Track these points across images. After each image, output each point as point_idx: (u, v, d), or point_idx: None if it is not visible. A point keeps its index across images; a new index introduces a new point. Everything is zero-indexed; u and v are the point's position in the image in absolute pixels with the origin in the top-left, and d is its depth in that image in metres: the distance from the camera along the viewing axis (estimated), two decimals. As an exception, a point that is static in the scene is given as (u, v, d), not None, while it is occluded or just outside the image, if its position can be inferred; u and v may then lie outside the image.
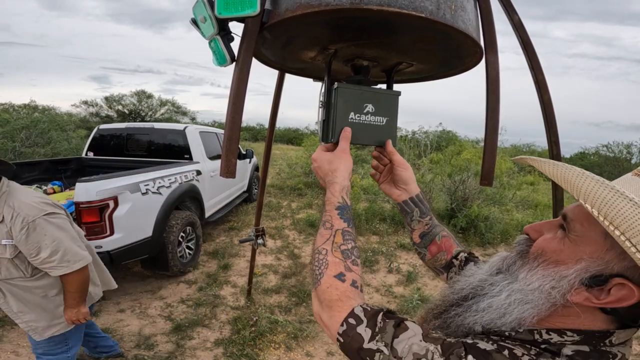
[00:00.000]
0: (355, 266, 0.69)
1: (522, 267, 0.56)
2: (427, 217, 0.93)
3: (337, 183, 0.79)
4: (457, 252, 0.90)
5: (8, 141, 7.47)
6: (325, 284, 0.66)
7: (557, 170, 0.53)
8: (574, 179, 0.50)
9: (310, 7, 0.76)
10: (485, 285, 0.59)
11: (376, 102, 0.92)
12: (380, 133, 0.95)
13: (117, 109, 20.53)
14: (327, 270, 0.67)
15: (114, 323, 3.00)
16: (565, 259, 0.51)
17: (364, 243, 5.27)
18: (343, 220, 0.73)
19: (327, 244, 0.70)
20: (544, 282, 0.51)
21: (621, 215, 0.44)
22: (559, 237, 0.54)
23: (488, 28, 0.94)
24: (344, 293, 0.64)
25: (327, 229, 0.73)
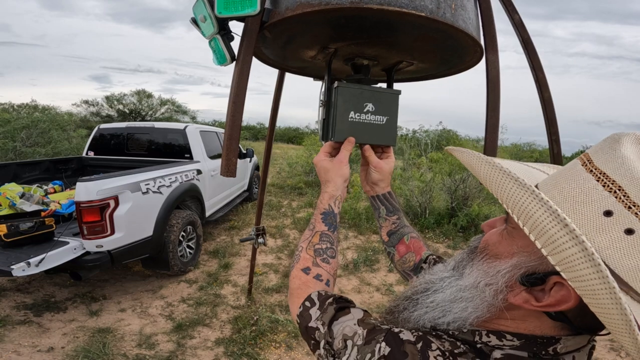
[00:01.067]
0: (326, 264, 0.74)
1: (469, 263, 0.53)
2: (394, 216, 0.96)
3: (328, 192, 0.85)
4: (427, 256, 0.89)
5: (9, 141, 7.47)
6: (292, 275, 0.74)
7: (464, 157, 0.51)
8: (477, 166, 0.48)
9: (311, 6, 0.75)
10: (437, 280, 0.57)
11: (376, 101, 0.92)
12: (381, 132, 0.95)
13: (117, 108, 20.54)
14: (297, 264, 0.75)
15: (115, 322, 3.01)
16: (502, 252, 0.48)
17: (365, 242, 5.27)
18: (324, 224, 0.80)
19: (304, 242, 0.78)
20: (480, 278, 0.48)
21: (522, 211, 0.40)
22: (500, 229, 0.52)
23: (488, 27, 0.94)
24: (305, 283, 0.71)
25: (309, 230, 0.81)
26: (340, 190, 0.86)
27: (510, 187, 0.42)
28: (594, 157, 0.43)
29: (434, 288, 0.56)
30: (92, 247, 2.85)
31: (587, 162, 0.43)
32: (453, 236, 5.52)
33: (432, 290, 0.56)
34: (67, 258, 2.74)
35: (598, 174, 0.41)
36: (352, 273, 4.21)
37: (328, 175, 0.87)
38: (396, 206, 0.98)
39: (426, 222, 5.86)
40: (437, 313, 0.52)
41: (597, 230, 0.39)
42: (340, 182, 0.87)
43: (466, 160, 0.51)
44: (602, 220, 0.39)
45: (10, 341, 2.68)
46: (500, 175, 0.44)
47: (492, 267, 0.48)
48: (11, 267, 2.39)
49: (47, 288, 3.50)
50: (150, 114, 21.16)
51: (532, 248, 0.44)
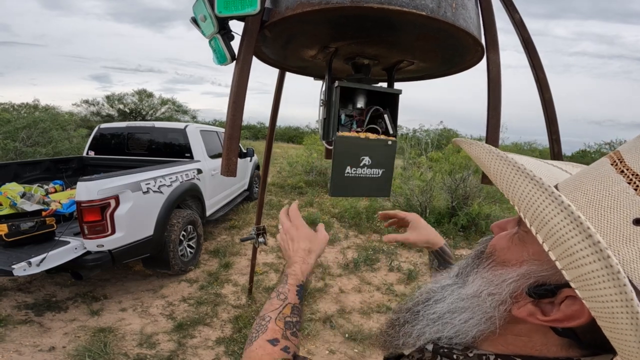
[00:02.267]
0: (294, 337, 0.69)
1: (473, 269, 0.48)
2: (445, 269, 0.93)
3: (310, 264, 0.82)
4: None
5: (9, 141, 7.48)
6: (257, 345, 0.66)
7: (472, 150, 0.45)
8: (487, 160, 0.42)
9: (311, 5, 0.75)
10: (438, 289, 0.52)
11: (373, 153, 0.92)
12: (376, 185, 0.95)
13: (118, 107, 20.54)
14: (264, 335, 0.68)
15: (116, 322, 3.01)
16: (511, 259, 0.43)
17: (365, 241, 5.27)
18: (297, 297, 0.76)
19: (274, 312, 0.72)
20: (484, 286, 0.43)
21: (537, 215, 0.35)
22: (511, 232, 0.46)
23: (489, 26, 0.94)
24: (271, 354, 0.64)
25: (280, 300, 0.74)
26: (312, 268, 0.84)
27: (525, 187, 0.37)
28: (626, 155, 0.38)
29: (435, 297, 0.50)
30: (92, 246, 2.86)
31: (618, 162, 0.38)
32: (453, 235, 5.51)
33: (433, 300, 0.51)
34: (68, 258, 2.74)
35: (630, 175, 0.36)
36: (353, 272, 4.21)
37: (313, 246, 0.85)
38: (449, 260, 0.96)
39: (427, 222, 5.85)
40: (439, 326, 0.47)
41: (624, 240, 0.34)
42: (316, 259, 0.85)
43: (474, 153, 0.45)
44: (631, 230, 0.34)
45: (11, 341, 2.69)
46: (513, 171, 0.39)
47: (497, 275, 0.43)
48: (12, 266, 2.40)
49: (48, 288, 3.50)
50: (151, 113, 21.16)
51: (545, 256, 0.38)
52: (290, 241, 0.86)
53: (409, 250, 5.02)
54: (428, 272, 4.27)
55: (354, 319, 3.26)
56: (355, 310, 3.41)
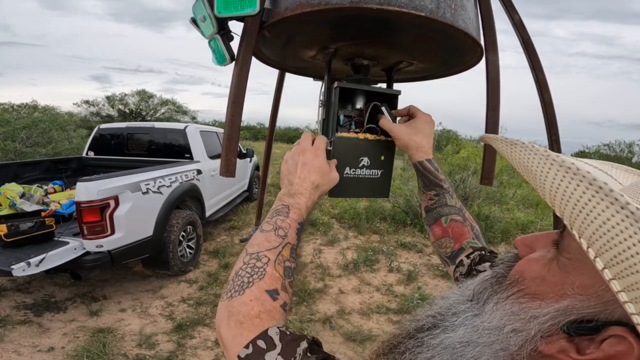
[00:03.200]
0: (290, 288, 0.58)
1: (492, 296, 0.41)
2: (431, 191, 0.81)
3: (314, 201, 0.71)
4: (469, 246, 0.73)
5: (9, 141, 7.48)
6: (252, 295, 0.52)
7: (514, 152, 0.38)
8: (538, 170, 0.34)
9: (310, 5, 0.75)
10: (447, 314, 0.44)
11: (372, 154, 0.91)
12: (375, 185, 0.95)
13: (118, 108, 20.54)
14: (261, 282, 0.54)
15: (115, 322, 3.01)
16: (546, 292, 0.36)
17: (364, 242, 5.27)
18: (297, 238, 0.64)
19: (272, 252, 0.58)
20: (507, 321, 0.37)
21: (600, 235, 0.28)
22: (546, 258, 0.38)
23: (488, 27, 0.94)
24: (268, 312, 0.51)
25: (279, 237, 0.61)
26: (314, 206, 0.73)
27: (579, 195, 0.29)
28: None
29: (444, 325, 0.43)
30: (92, 247, 2.86)
31: None
32: (453, 236, 5.51)
33: (441, 327, 0.43)
34: (67, 258, 2.74)
35: None
36: (352, 273, 4.20)
37: (323, 181, 0.74)
38: (434, 180, 0.82)
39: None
40: (447, 357, 0.40)
41: None
42: (321, 195, 0.74)
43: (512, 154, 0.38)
44: None
45: (10, 341, 2.68)
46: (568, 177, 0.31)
47: (525, 309, 0.36)
48: (11, 267, 2.40)
49: (47, 288, 3.50)
50: (151, 114, 21.16)
51: (596, 290, 0.32)
52: (302, 165, 0.73)
53: (408, 251, 5.02)
54: (425, 270, 4.28)
55: (353, 319, 3.26)
56: (354, 311, 3.41)
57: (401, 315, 3.35)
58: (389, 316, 3.34)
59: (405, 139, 0.83)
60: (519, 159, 0.37)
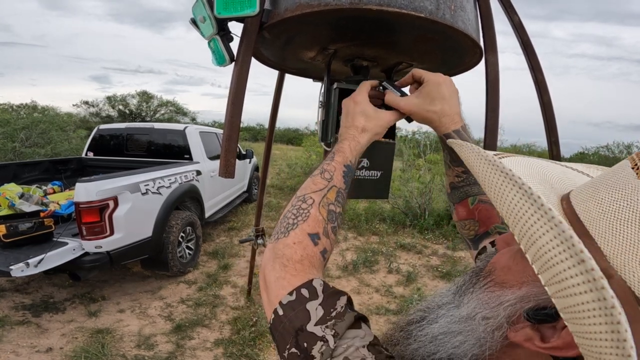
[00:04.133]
0: (333, 235, 0.56)
1: (470, 288, 0.43)
2: (460, 167, 0.74)
3: (360, 144, 0.68)
4: (497, 231, 0.69)
5: (8, 141, 7.47)
6: (295, 238, 0.52)
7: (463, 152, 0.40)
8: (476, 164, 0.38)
9: (310, 6, 0.75)
10: (434, 307, 0.46)
11: (371, 155, 0.90)
12: (374, 186, 0.94)
13: (118, 108, 20.53)
14: (304, 224, 0.53)
15: (114, 323, 3.00)
16: (511, 280, 0.38)
17: (364, 243, 5.27)
18: (344, 181, 0.62)
19: (318, 195, 0.57)
20: (478, 309, 0.39)
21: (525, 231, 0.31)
22: (513, 249, 0.41)
23: (488, 28, 0.94)
24: (309, 257, 0.51)
25: (325, 180, 0.60)
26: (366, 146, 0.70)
27: (512, 196, 0.32)
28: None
29: (430, 317, 0.45)
30: (91, 247, 2.85)
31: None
32: (452, 237, 5.51)
33: (427, 320, 0.45)
34: (66, 259, 2.73)
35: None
36: (352, 274, 4.20)
37: (369, 124, 0.70)
38: None
39: (425, 224, 5.86)
40: (432, 348, 0.42)
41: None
42: (372, 140, 0.71)
43: (464, 155, 0.41)
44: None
45: (8, 342, 2.68)
46: (501, 178, 0.34)
47: (494, 297, 0.38)
48: (10, 267, 2.39)
49: (45, 288, 3.49)
50: (150, 114, 21.15)
51: None
52: (345, 116, 0.73)
53: (408, 252, 5.02)
54: (425, 271, 4.28)
55: (352, 320, 3.25)
56: (354, 312, 3.40)
57: (400, 316, 3.34)
58: (389, 317, 3.33)
59: (420, 112, 0.71)
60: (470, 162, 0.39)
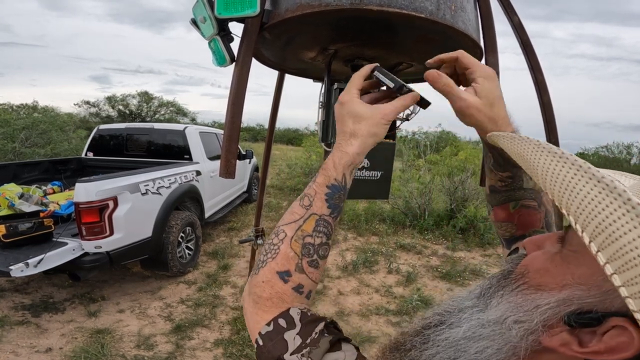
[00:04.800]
0: (313, 269, 0.52)
1: (498, 291, 0.41)
2: (505, 173, 0.65)
3: (349, 154, 0.56)
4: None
5: (8, 142, 7.47)
6: (264, 276, 0.51)
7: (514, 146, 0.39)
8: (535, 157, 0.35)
9: (311, 7, 0.75)
10: (454, 311, 0.45)
11: (371, 155, 0.90)
12: (374, 187, 0.94)
13: (118, 108, 20.53)
14: (273, 262, 0.51)
15: (114, 323, 3.00)
16: (549, 283, 0.37)
17: (364, 243, 5.27)
18: (327, 205, 0.54)
19: (291, 227, 0.53)
20: (510, 312, 0.37)
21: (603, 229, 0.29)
22: (550, 252, 0.40)
23: (488, 28, 0.95)
24: (279, 295, 0.50)
25: (303, 207, 0.54)
26: (362, 156, 0.59)
27: (588, 190, 0.30)
28: None
29: (450, 321, 0.43)
30: (90, 247, 2.85)
31: None
32: (452, 238, 5.52)
33: (447, 324, 0.43)
34: (65, 259, 2.73)
35: None
36: (351, 274, 4.20)
37: (359, 126, 0.57)
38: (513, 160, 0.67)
39: (425, 224, 5.86)
40: (451, 353, 0.40)
41: None
42: (370, 144, 0.58)
43: (517, 149, 0.39)
44: None
45: (8, 342, 2.67)
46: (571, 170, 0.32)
47: (529, 300, 0.37)
48: (10, 267, 2.39)
49: (45, 289, 3.49)
50: (150, 114, 21.14)
51: (595, 280, 0.33)
52: (336, 122, 0.62)
53: (407, 253, 5.02)
54: (425, 272, 4.29)
55: (352, 321, 3.26)
56: (354, 312, 3.41)
57: (400, 317, 3.35)
58: (388, 317, 3.33)
59: (479, 116, 0.57)
60: (527, 155, 0.37)
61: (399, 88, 0.61)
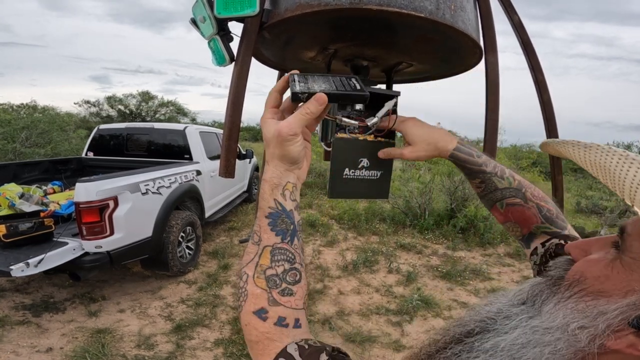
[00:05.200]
0: (288, 297, 0.51)
1: (550, 297, 0.41)
2: (476, 180, 0.73)
3: (267, 181, 0.55)
4: (541, 232, 0.68)
5: (8, 142, 7.47)
6: (244, 320, 0.51)
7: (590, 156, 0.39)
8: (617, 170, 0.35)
9: (310, 6, 0.75)
10: (498, 317, 0.44)
11: (372, 155, 0.90)
12: (374, 186, 0.94)
13: (118, 108, 20.54)
14: (246, 304, 0.51)
15: (114, 323, 3.00)
16: (611, 289, 0.37)
17: (364, 243, 5.27)
18: (275, 234, 0.53)
19: (250, 266, 0.52)
20: (572, 318, 0.37)
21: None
22: (607, 258, 0.39)
23: (488, 28, 0.94)
24: (265, 335, 0.49)
25: (255, 244, 0.54)
26: (287, 176, 0.55)
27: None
28: None
29: (495, 328, 0.43)
30: (91, 247, 2.85)
31: None
32: (452, 237, 5.52)
33: (493, 331, 0.43)
34: (66, 258, 2.73)
35: None
36: (352, 274, 4.20)
37: (268, 151, 0.56)
38: (473, 167, 0.73)
39: (425, 224, 5.86)
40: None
41: None
42: (282, 165, 0.55)
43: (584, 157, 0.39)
44: None
45: (9, 341, 2.68)
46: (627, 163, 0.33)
47: (592, 306, 0.37)
48: (10, 267, 2.39)
49: (46, 288, 3.49)
50: (151, 114, 21.15)
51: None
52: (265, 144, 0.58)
53: (408, 252, 5.01)
54: (425, 271, 4.28)
55: (353, 320, 3.26)
56: (354, 312, 3.41)
57: (400, 316, 3.35)
58: (389, 317, 3.34)
59: (426, 155, 0.75)
60: (594, 160, 0.37)
61: (293, 95, 0.54)
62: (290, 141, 0.53)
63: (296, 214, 0.55)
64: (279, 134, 0.53)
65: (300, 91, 0.54)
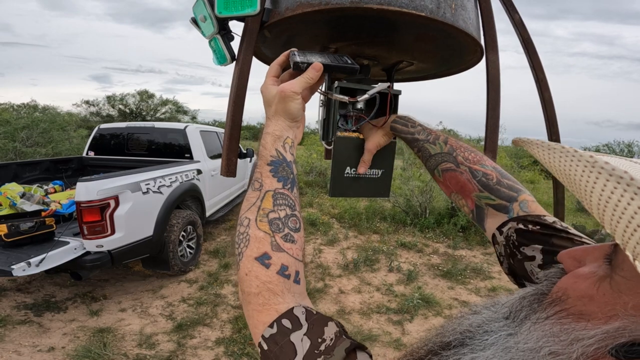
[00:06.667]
0: (290, 244, 0.50)
1: (530, 315, 0.37)
2: (414, 149, 0.77)
3: (269, 133, 0.59)
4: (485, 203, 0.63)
5: (9, 141, 7.48)
6: (245, 268, 0.48)
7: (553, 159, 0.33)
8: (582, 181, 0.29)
9: (311, 6, 0.75)
10: (478, 332, 0.41)
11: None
12: (375, 185, 0.95)
13: (118, 107, 20.55)
14: (247, 249, 0.49)
15: (115, 322, 3.01)
16: (593, 313, 0.32)
17: (365, 242, 5.27)
18: (277, 180, 0.54)
19: (252, 211, 0.51)
20: (545, 342, 0.33)
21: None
22: (597, 275, 0.34)
23: (488, 27, 0.94)
24: (266, 285, 0.46)
25: (256, 190, 0.53)
26: (287, 131, 0.61)
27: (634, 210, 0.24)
28: None
29: (474, 343, 0.40)
30: (92, 247, 2.86)
31: None
32: (453, 236, 5.52)
33: (469, 346, 0.40)
34: (67, 258, 2.74)
35: None
36: (352, 273, 4.21)
37: (270, 109, 0.62)
38: (408, 137, 0.77)
39: (426, 222, 5.86)
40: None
41: None
42: (283, 121, 0.60)
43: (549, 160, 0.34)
44: None
45: (10, 341, 2.68)
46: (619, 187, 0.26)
47: (568, 330, 0.33)
48: (11, 267, 2.40)
49: (47, 288, 3.50)
50: (151, 114, 21.16)
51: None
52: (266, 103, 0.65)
53: (408, 251, 5.02)
54: (425, 270, 4.28)
55: (353, 319, 3.26)
56: (355, 310, 3.41)
57: (401, 315, 3.35)
58: (389, 316, 3.34)
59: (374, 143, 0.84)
60: (559, 165, 0.32)
61: (295, 65, 0.65)
62: (292, 97, 0.59)
63: (294, 168, 0.58)
64: (282, 92, 0.60)
65: (300, 61, 0.64)
